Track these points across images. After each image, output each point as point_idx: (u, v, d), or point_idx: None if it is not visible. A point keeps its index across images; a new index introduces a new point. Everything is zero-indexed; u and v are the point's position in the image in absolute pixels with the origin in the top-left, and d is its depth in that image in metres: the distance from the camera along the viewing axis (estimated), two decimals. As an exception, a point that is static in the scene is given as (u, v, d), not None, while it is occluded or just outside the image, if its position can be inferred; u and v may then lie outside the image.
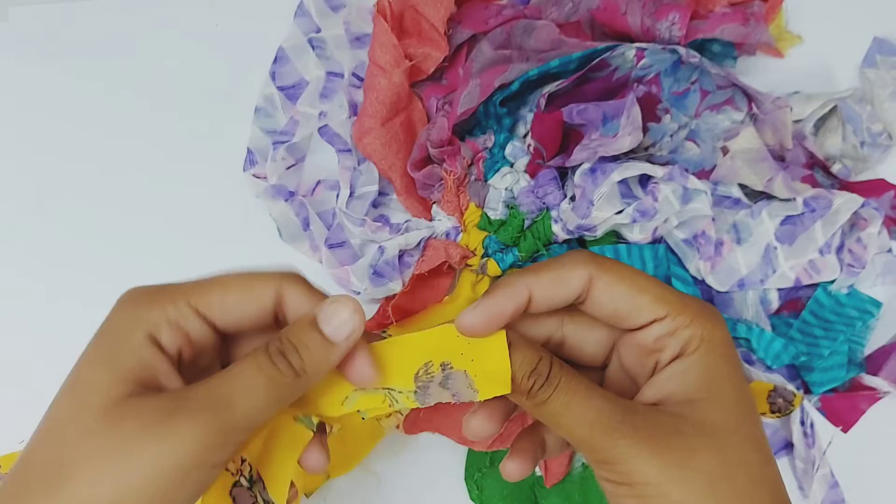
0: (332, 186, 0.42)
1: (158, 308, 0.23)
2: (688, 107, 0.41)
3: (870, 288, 0.40)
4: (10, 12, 0.46)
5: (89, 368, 0.23)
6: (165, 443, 0.21)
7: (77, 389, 0.22)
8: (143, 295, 0.24)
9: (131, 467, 0.20)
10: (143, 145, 0.44)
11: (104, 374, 0.22)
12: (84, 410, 0.21)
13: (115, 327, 0.23)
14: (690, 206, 0.38)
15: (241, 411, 0.22)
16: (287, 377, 0.23)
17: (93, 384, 0.22)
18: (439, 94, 0.41)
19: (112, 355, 0.22)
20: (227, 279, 0.25)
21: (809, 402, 0.39)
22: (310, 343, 0.23)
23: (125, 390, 0.22)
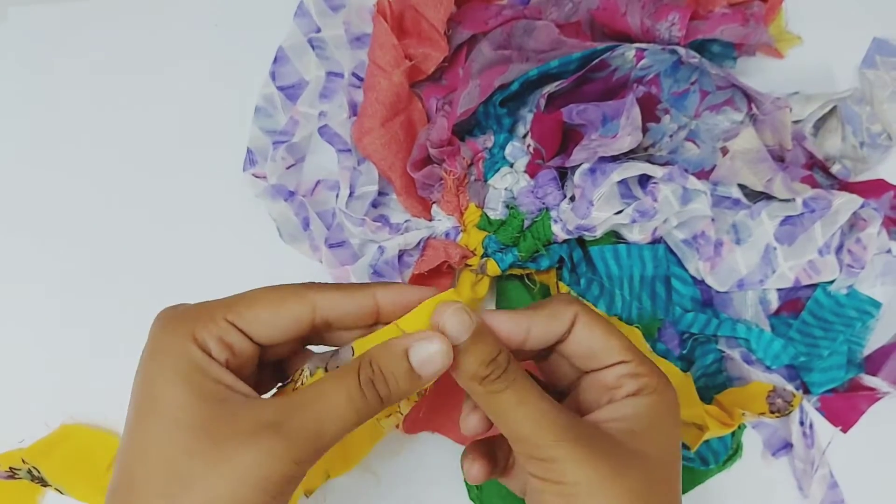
0: (331, 186, 0.42)
1: (201, 326, 0.25)
2: (687, 107, 0.41)
3: (869, 288, 0.40)
4: (10, 12, 0.46)
5: (165, 389, 0.23)
6: (267, 458, 0.22)
7: (160, 411, 0.23)
8: (183, 315, 0.25)
9: (239, 478, 0.22)
10: (142, 145, 0.44)
11: (183, 394, 0.23)
12: (179, 431, 0.23)
13: (171, 348, 0.24)
14: (690, 206, 0.38)
15: (330, 436, 0.24)
16: (373, 405, 0.25)
17: (176, 405, 0.23)
18: (439, 95, 0.41)
19: (182, 375, 0.24)
20: (255, 294, 0.26)
21: (808, 403, 0.39)
22: (398, 374, 0.25)
23: (208, 407, 0.23)
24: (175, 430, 0.23)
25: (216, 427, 0.23)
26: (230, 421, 0.23)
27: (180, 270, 0.42)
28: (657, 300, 0.40)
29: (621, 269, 0.39)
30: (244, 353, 0.26)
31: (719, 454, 0.38)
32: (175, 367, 0.24)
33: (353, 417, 0.24)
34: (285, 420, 0.23)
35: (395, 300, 0.27)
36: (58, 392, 0.41)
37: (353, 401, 0.24)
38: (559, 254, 0.39)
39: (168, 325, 0.25)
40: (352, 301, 0.27)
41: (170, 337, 0.25)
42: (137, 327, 0.41)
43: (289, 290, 0.26)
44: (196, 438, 0.22)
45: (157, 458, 0.23)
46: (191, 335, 0.24)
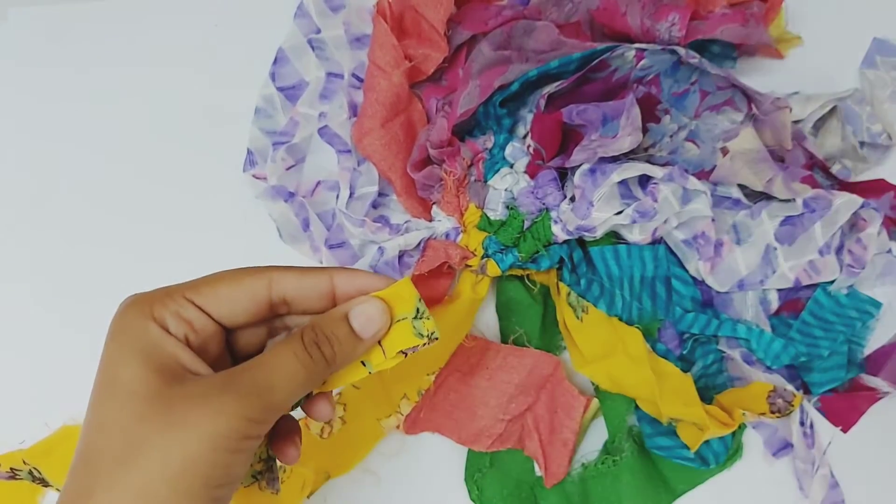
0: (331, 187, 0.42)
1: (159, 303, 0.25)
2: (687, 107, 0.41)
3: (870, 288, 0.40)
4: (10, 13, 0.46)
5: (122, 367, 0.24)
6: (218, 416, 0.23)
7: (117, 387, 0.24)
8: (142, 297, 0.26)
9: (193, 438, 0.23)
10: (142, 146, 0.44)
11: (139, 369, 0.24)
12: (133, 401, 0.23)
13: (129, 327, 0.25)
14: (690, 206, 0.38)
15: (280, 394, 0.25)
16: (319, 365, 0.26)
17: (132, 379, 0.24)
18: (439, 95, 0.41)
19: (138, 351, 0.24)
20: (217, 274, 0.27)
21: (809, 403, 0.39)
22: (341, 336, 0.26)
23: (163, 379, 0.24)
24: (130, 401, 0.23)
25: (168, 394, 0.23)
26: (183, 388, 0.24)
27: (180, 271, 0.42)
28: (657, 300, 0.40)
29: (621, 269, 0.39)
30: (205, 331, 0.26)
31: (720, 454, 0.38)
32: (132, 346, 0.24)
33: (301, 373, 0.25)
34: (234, 380, 0.24)
35: (350, 284, 0.28)
36: (58, 393, 0.41)
37: (300, 357, 0.25)
38: (559, 254, 0.39)
39: (128, 307, 0.26)
40: (308, 281, 0.27)
41: (129, 317, 0.25)
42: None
43: (247, 269, 0.27)
44: (150, 406, 0.23)
45: (112, 428, 0.23)
46: (148, 313, 0.25)
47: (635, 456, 0.39)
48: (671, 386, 0.37)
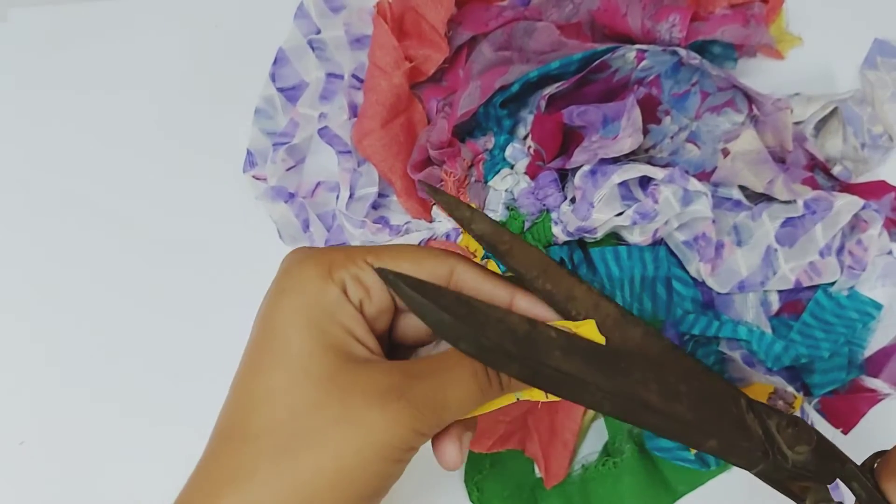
0: (331, 188, 0.42)
1: (339, 263, 0.23)
2: (688, 108, 0.41)
3: (870, 290, 0.40)
4: (11, 14, 0.46)
5: (293, 333, 0.22)
6: (394, 424, 0.21)
7: (287, 357, 0.22)
8: (319, 253, 0.24)
9: (367, 441, 0.21)
10: (142, 146, 0.44)
11: (313, 343, 0.22)
12: (307, 381, 0.21)
13: (305, 286, 0.23)
14: (691, 207, 0.38)
15: (452, 413, 0.23)
16: (495, 391, 0.24)
17: (305, 353, 0.22)
18: (439, 96, 0.41)
19: (313, 318, 0.22)
20: (398, 247, 0.25)
21: (809, 404, 0.39)
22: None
23: (337, 359, 0.22)
24: (303, 380, 0.21)
25: (343, 382, 0.21)
26: (357, 378, 0.22)
27: (180, 271, 0.42)
28: (658, 301, 0.40)
29: (622, 270, 0.39)
30: (381, 303, 0.24)
31: (720, 456, 0.38)
32: (304, 309, 0.22)
33: (477, 395, 0.23)
34: (411, 387, 0.22)
35: (531, 311, 0.25)
36: (58, 393, 0.41)
37: (478, 378, 0.23)
38: (559, 255, 0.39)
39: (303, 260, 0.23)
40: (489, 286, 0.25)
41: (305, 274, 0.23)
42: (137, 326, 0.41)
43: (430, 250, 0.25)
44: (324, 391, 0.21)
45: (279, 406, 0.21)
46: (327, 272, 0.23)
47: (636, 457, 0.39)
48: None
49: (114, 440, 0.40)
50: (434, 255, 0.25)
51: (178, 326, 0.41)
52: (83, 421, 0.40)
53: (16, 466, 0.40)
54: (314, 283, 0.23)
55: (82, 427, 0.40)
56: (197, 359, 0.41)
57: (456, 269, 0.25)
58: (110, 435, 0.40)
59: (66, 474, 0.40)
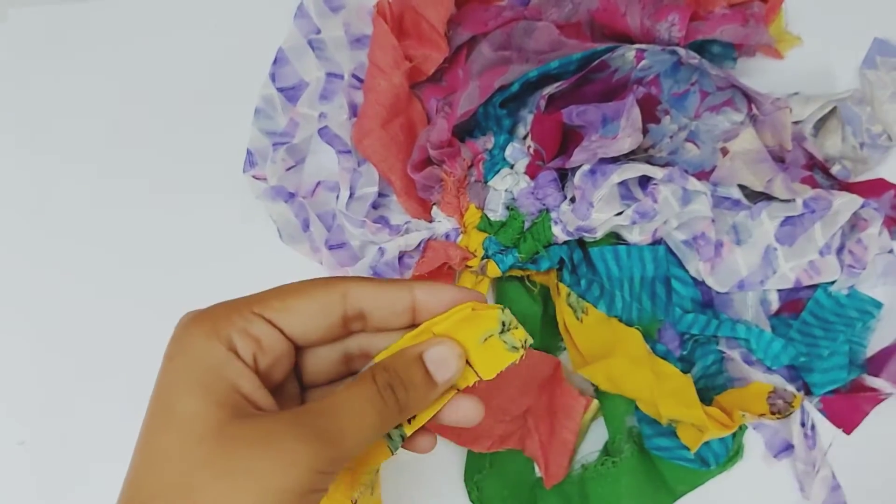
0: (331, 188, 0.42)
1: (224, 319, 0.23)
2: (687, 108, 0.41)
3: (871, 289, 0.40)
4: (10, 13, 0.46)
5: (179, 395, 0.22)
6: (282, 469, 0.21)
7: (173, 419, 0.22)
8: (204, 314, 0.24)
9: (253, 492, 0.20)
10: (142, 146, 0.44)
11: (199, 403, 0.22)
12: (191, 441, 0.21)
13: (190, 348, 0.23)
14: (690, 207, 0.38)
15: (351, 441, 0.22)
16: (392, 411, 0.24)
17: (190, 412, 0.22)
18: (439, 96, 0.41)
19: (198, 378, 0.22)
20: (285, 286, 0.25)
21: (810, 403, 0.39)
22: (416, 380, 0.24)
23: (224, 415, 0.22)
24: (187, 439, 0.21)
25: (228, 437, 0.21)
26: (242, 430, 0.21)
27: (180, 271, 0.42)
28: (657, 301, 0.40)
29: (621, 269, 0.39)
30: (274, 350, 0.24)
31: (720, 455, 0.38)
32: (192, 371, 0.22)
33: (376, 421, 0.23)
34: (301, 423, 0.22)
35: (433, 299, 0.25)
36: (58, 393, 0.41)
37: (374, 404, 0.23)
38: (559, 255, 0.39)
39: (189, 324, 0.23)
40: (387, 295, 0.25)
41: (190, 337, 0.23)
42: (137, 326, 0.41)
43: (318, 280, 0.25)
44: (209, 447, 0.21)
45: (165, 468, 0.21)
46: (212, 331, 0.23)
47: (635, 457, 0.39)
48: (671, 387, 0.37)
49: (114, 440, 0.40)
50: (322, 285, 0.25)
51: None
52: (83, 421, 0.40)
53: (16, 466, 0.40)
54: (199, 345, 0.23)
55: (82, 427, 0.40)
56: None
57: (348, 292, 0.25)
58: (110, 435, 0.40)
59: (66, 474, 0.40)
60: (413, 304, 0.26)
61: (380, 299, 0.25)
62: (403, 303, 0.25)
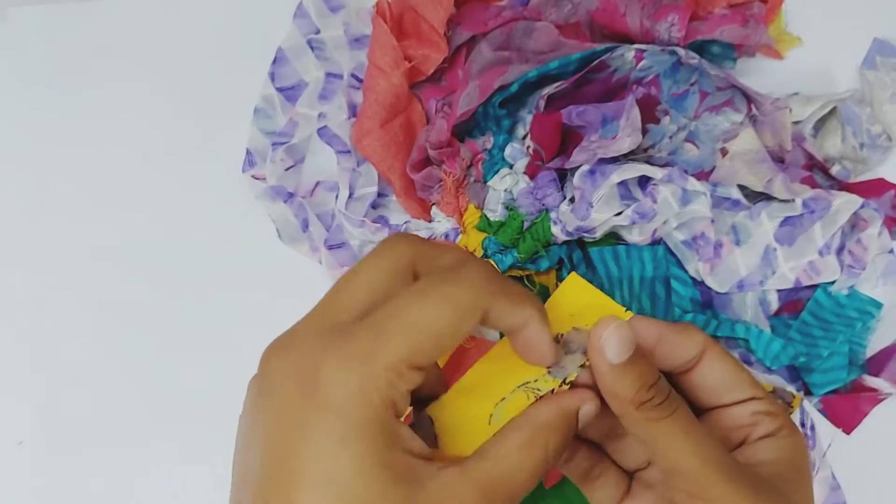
0: (331, 188, 0.42)
1: (388, 380, 0.20)
2: (687, 108, 0.41)
3: (871, 289, 0.40)
4: (10, 13, 0.46)
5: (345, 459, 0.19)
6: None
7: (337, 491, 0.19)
8: (356, 359, 0.20)
9: None
10: (142, 146, 0.44)
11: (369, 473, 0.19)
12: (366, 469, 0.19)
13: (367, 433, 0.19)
14: (690, 207, 0.38)
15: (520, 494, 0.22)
16: (551, 464, 0.23)
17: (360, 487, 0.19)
18: (438, 96, 0.41)
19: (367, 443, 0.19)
20: (428, 315, 0.21)
21: (810, 404, 0.39)
22: (570, 435, 0.24)
23: (395, 486, 0.19)
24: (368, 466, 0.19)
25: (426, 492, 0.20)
26: (426, 495, 0.20)
27: (179, 271, 0.42)
28: (657, 301, 0.40)
29: (621, 270, 0.39)
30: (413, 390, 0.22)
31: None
32: (351, 428, 0.19)
33: (534, 483, 0.22)
34: (480, 486, 0.21)
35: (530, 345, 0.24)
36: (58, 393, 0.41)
37: (540, 467, 0.22)
38: (559, 255, 0.39)
39: (331, 363, 0.19)
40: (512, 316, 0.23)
41: (349, 389, 0.19)
42: (137, 326, 0.41)
43: (465, 301, 0.21)
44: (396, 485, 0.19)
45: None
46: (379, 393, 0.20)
47: (635, 457, 0.39)
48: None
49: (113, 440, 0.40)
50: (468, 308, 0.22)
51: (177, 326, 0.41)
52: (83, 421, 0.40)
53: (16, 466, 0.40)
54: (364, 403, 0.19)
55: (82, 427, 0.40)
56: (197, 358, 0.41)
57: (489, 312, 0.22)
58: (110, 435, 0.40)
59: (66, 474, 0.40)
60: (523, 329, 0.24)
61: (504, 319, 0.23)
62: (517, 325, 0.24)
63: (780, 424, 0.25)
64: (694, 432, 0.24)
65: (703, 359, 0.26)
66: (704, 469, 0.23)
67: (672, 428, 0.24)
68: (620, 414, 0.24)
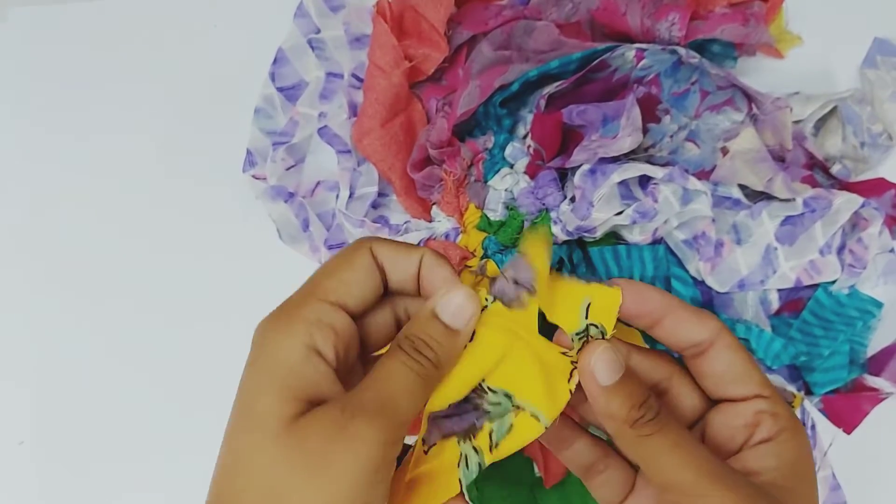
0: (331, 187, 0.42)
1: (298, 317, 0.24)
2: (687, 107, 0.41)
3: (872, 288, 0.40)
4: (10, 13, 0.46)
5: (261, 398, 0.23)
6: (353, 449, 0.22)
7: (254, 420, 0.23)
8: (279, 314, 0.24)
9: (330, 478, 0.21)
10: (142, 145, 0.44)
11: (275, 402, 0.23)
12: (268, 439, 0.22)
13: (271, 351, 0.24)
14: (690, 206, 0.37)
15: (405, 408, 0.24)
16: (429, 370, 0.24)
17: (268, 413, 0.22)
18: (439, 95, 0.41)
19: (276, 380, 0.23)
20: (326, 265, 0.26)
21: (811, 403, 0.39)
22: (436, 335, 0.25)
23: (296, 409, 0.22)
24: (265, 439, 0.22)
25: (304, 429, 0.22)
26: (314, 420, 0.22)
27: (179, 271, 0.42)
28: (657, 301, 0.39)
29: (621, 269, 0.39)
30: (346, 330, 0.24)
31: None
32: (270, 373, 0.23)
33: (417, 382, 0.24)
34: (360, 404, 0.23)
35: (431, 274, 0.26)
36: (58, 393, 0.41)
37: (410, 367, 0.24)
38: (559, 255, 0.39)
39: (266, 327, 0.24)
40: (401, 256, 0.26)
41: (267, 339, 0.24)
42: (137, 325, 0.41)
43: (347, 248, 0.26)
44: (284, 444, 0.22)
45: (249, 469, 0.22)
46: (288, 330, 0.24)
47: (635, 457, 0.38)
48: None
49: (114, 440, 0.40)
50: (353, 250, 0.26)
51: (177, 326, 0.41)
52: (83, 421, 0.40)
53: (16, 466, 0.40)
54: (277, 346, 0.23)
55: (82, 427, 0.40)
56: (197, 358, 0.41)
57: (373, 249, 0.26)
58: (110, 435, 0.40)
59: (66, 474, 0.40)
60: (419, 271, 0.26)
61: (394, 261, 0.26)
62: (412, 269, 0.26)
63: (782, 427, 0.25)
64: (685, 445, 0.24)
65: (714, 345, 0.26)
66: (699, 480, 0.23)
67: (663, 442, 0.24)
68: (615, 435, 0.25)
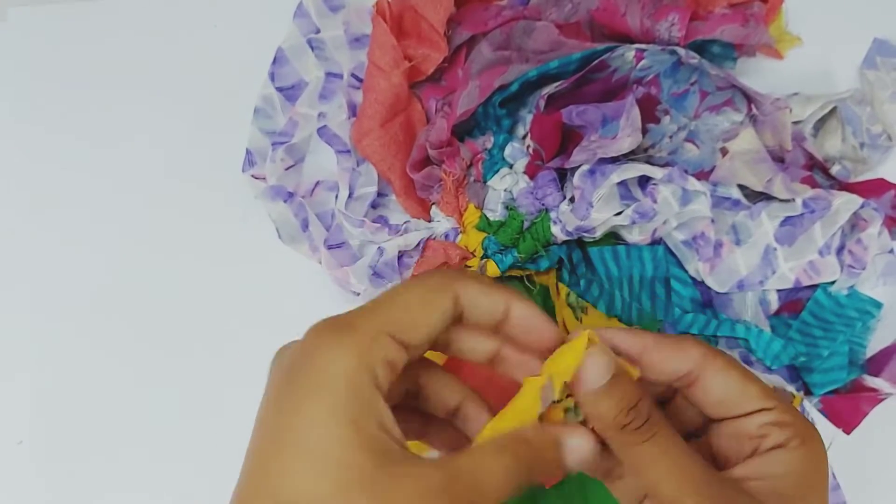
0: (330, 187, 0.42)
1: (368, 348, 0.22)
2: (687, 108, 0.41)
3: (871, 289, 0.40)
4: (10, 13, 0.46)
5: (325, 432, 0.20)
6: None
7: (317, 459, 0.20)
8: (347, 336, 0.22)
9: None
10: (142, 146, 0.44)
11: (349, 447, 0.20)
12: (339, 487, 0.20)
13: (337, 371, 0.21)
14: (690, 207, 0.37)
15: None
16: (524, 483, 0.23)
17: (339, 458, 0.20)
18: (438, 95, 0.41)
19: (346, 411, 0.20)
20: (404, 294, 0.23)
21: (810, 404, 0.39)
22: (551, 464, 0.24)
23: (374, 461, 0.20)
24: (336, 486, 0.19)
25: (384, 489, 0.20)
26: (398, 482, 0.20)
27: (178, 270, 0.42)
28: (657, 301, 0.39)
29: (621, 270, 0.39)
30: (398, 370, 0.22)
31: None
32: (337, 401, 0.20)
33: (512, 491, 0.22)
34: (453, 488, 0.21)
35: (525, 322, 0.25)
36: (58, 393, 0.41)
37: (516, 476, 0.22)
38: (558, 255, 0.39)
39: (331, 345, 0.21)
40: (487, 300, 0.24)
41: (334, 362, 0.21)
42: (137, 325, 0.41)
43: (433, 282, 0.24)
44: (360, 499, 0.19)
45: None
46: (360, 360, 0.21)
47: (635, 457, 0.38)
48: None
49: (114, 440, 0.40)
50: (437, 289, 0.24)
51: (177, 326, 0.41)
52: (83, 421, 0.40)
53: (15, 466, 0.40)
54: (347, 376, 0.21)
55: (82, 427, 0.40)
56: (197, 358, 0.41)
57: (460, 296, 0.24)
58: (110, 435, 0.40)
59: (66, 474, 0.40)
60: (505, 314, 0.25)
61: (477, 304, 0.24)
62: (498, 311, 0.25)
63: (791, 435, 0.25)
64: (673, 454, 0.24)
65: (704, 373, 0.25)
66: (683, 494, 0.23)
67: (651, 451, 0.24)
68: (606, 438, 0.25)
